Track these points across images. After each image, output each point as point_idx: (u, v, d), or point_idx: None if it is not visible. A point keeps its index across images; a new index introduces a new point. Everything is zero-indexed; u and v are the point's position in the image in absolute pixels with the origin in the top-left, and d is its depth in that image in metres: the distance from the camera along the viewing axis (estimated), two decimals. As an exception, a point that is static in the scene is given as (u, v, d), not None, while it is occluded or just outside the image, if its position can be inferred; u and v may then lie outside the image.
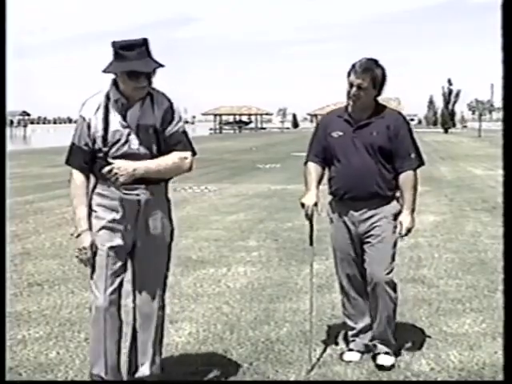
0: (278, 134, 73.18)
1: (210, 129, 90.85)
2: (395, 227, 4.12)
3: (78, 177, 3.45)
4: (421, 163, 4.20)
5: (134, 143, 3.41)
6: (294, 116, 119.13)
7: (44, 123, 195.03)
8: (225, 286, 6.08)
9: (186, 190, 13.89)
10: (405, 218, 4.08)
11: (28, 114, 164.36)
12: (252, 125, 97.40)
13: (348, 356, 4.23)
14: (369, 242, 4.12)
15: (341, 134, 4.15)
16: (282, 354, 4.32)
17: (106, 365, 3.51)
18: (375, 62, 4.09)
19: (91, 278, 3.49)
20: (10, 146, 44.37)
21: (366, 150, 4.08)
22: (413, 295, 5.73)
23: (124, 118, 3.41)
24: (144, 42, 3.34)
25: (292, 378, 3.92)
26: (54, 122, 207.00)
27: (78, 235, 3.45)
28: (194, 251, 7.61)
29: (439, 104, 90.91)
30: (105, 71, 3.39)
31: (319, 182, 4.26)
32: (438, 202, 12.15)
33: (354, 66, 4.05)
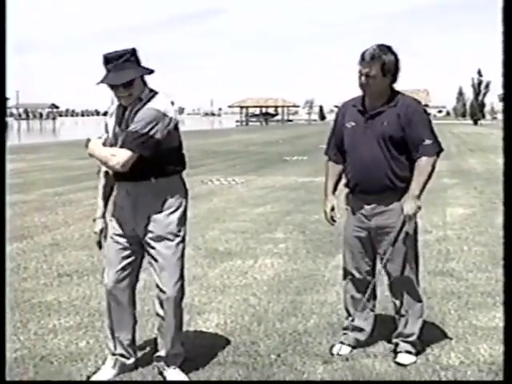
0: (304, 126, 72.94)
1: (237, 121, 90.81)
2: (415, 222, 4.10)
3: (102, 173, 3.92)
4: (439, 150, 4.03)
5: (120, 144, 3.67)
6: (321, 108, 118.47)
7: (72, 116, 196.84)
8: (252, 278, 6.09)
9: (213, 182, 13.94)
10: (405, 204, 3.95)
11: (57, 107, 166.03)
12: (278, 117, 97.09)
13: (338, 349, 4.20)
14: (383, 241, 4.08)
15: (353, 124, 4.08)
16: (309, 346, 4.32)
17: (113, 340, 3.90)
18: (386, 48, 3.94)
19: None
20: (39, 139, 45.02)
21: (376, 141, 3.98)
22: (441, 288, 5.70)
23: (119, 121, 3.73)
24: (121, 55, 3.58)
25: (320, 370, 3.93)
26: (82, 115, 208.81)
27: (93, 220, 3.94)
28: (220, 243, 7.64)
29: (469, 95, 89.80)
30: (98, 83, 3.67)
31: (338, 181, 4.29)
32: (468, 195, 12.04)
33: (363, 54, 3.94)
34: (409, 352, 4.10)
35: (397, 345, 4.16)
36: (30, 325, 4.77)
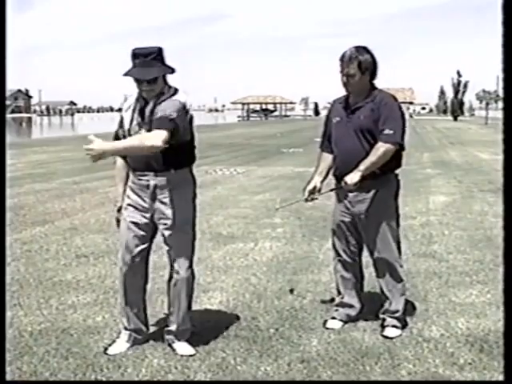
0: (300, 121, 72.69)
1: (238, 116, 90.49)
2: (395, 207, 4.10)
3: (118, 160, 3.84)
4: (396, 141, 3.92)
5: (142, 133, 3.61)
6: (316, 104, 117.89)
7: (89, 112, 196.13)
8: (252, 260, 6.10)
9: (216, 172, 13.91)
10: (349, 174, 3.92)
11: (75, 104, 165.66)
12: (277, 113, 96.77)
13: (331, 324, 4.22)
14: (367, 226, 4.07)
15: (338, 119, 4.12)
16: (305, 321, 4.33)
17: (127, 317, 3.87)
18: (362, 49, 3.98)
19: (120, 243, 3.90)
20: (60, 133, 44.93)
21: (355, 134, 4.00)
22: (424, 269, 5.70)
23: (141, 113, 3.65)
24: (150, 52, 3.53)
25: (314, 343, 3.94)
26: (98, 111, 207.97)
27: (118, 209, 3.86)
28: (224, 228, 7.63)
29: (449, 94, 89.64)
30: (125, 75, 3.60)
31: (328, 170, 4.27)
32: (448, 184, 12.02)
33: (342, 56, 3.97)
34: (395, 326, 4.10)
35: (384, 320, 4.17)
36: (52, 301, 4.78)
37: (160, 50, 3.58)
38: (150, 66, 3.53)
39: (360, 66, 3.93)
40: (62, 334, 4.09)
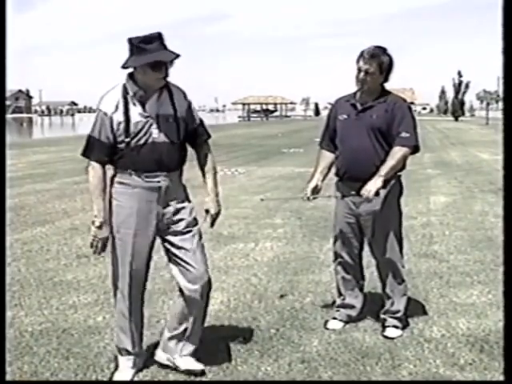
0: (301, 121, 72.67)
1: (239, 116, 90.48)
2: (399, 208, 4.09)
3: (97, 169, 3.32)
4: (414, 144, 3.95)
5: (155, 132, 3.28)
6: (316, 105, 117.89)
7: (89, 112, 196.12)
8: (253, 260, 6.09)
9: (217, 173, 13.89)
10: (369, 182, 3.84)
11: (75, 104, 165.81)
12: (277, 113, 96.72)
13: (331, 324, 4.22)
14: (370, 226, 4.05)
15: (345, 117, 4.08)
16: (305, 322, 4.32)
17: (132, 340, 3.50)
18: (383, 49, 3.97)
19: (113, 262, 3.41)
20: (60, 133, 44.92)
21: (366, 133, 3.97)
22: (425, 269, 5.70)
23: (143, 109, 3.28)
24: (160, 36, 3.20)
25: (315, 343, 3.93)
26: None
27: (99, 226, 3.31)
28: (224, 228, 7.62)
29: (450, 94, 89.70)
30: (125, 66, 3.23)
31: (328, 169, 4.24)
32: (449, 184, 12.02)
33: (362, 52, 3.95)
34: (395, 326, 4.10)
35: (384, 320, 4.16)
36: (53, 301, 4.78)
37: (163, 35, 3.24)
38: (166, 48, 3.20)
39: (381, 65, 3.92)
40: (62, 334, 4.09)
